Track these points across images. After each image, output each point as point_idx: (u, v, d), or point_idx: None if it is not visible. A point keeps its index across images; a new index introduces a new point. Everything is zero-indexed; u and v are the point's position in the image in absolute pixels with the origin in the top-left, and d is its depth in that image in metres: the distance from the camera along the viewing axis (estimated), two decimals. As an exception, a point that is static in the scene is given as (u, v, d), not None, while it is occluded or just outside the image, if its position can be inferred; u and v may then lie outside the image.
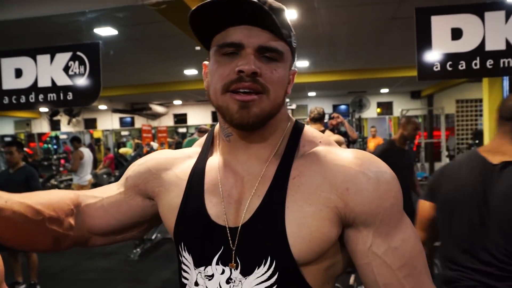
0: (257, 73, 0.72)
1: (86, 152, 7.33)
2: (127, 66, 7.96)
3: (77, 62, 3.38)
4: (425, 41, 3.08)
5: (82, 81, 3.38)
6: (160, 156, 0.93)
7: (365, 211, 0.73)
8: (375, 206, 0.73)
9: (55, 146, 15.63)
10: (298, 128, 0.86)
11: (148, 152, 10.02)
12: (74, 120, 14.60)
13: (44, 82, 3.45)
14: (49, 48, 3.41)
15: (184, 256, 0.82)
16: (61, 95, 3.41)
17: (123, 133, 16.87)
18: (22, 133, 16.09)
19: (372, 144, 9.44)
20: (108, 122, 15.46)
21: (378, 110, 14.15)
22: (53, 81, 3.43)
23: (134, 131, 16.13)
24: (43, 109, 12.98)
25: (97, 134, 16.19)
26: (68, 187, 7.74)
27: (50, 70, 3.43)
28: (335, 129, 5.36)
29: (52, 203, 0.83)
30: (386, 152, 3.54)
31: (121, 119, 15.87)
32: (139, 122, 15.23)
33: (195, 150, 0.92)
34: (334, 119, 5.31)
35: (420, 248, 0.76)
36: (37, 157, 13.61)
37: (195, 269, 0.79)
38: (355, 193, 0.73)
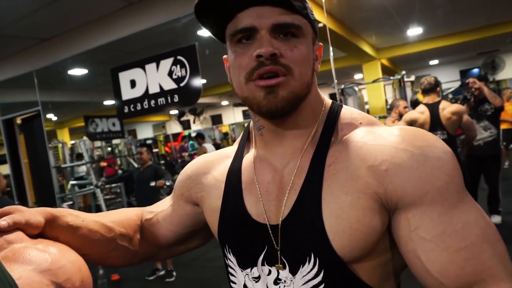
0: (277, 54, 0.67)
1: (210, 147, 7.87)
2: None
3: (178, 66, 3.64)
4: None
5: (185, 83, 3.63)
6: (198, 161, 0.93)
7: (409, 192, 0.64)
8: (422, 184, 0.63)
9: (187, 144, 17.04)
10: (334, 111, 0.78)
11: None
12: (201, 118, 15.76)
13: (154, 89, 3.79)
14: (154, 57, 3.72)
15: (229, 259, 0.80)
16: (169, 98, 3.71)
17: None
18: (161, 135, 17.85)
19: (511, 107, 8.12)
20: (232, 116, 16.33)
21: (519, 68, 12.40)
22: (161, 87, 3.74)
23: (258, 122, 16.76)
24: (173, 112, 14.25)
25: (224, 128, 17.21)
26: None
27: (157, 77, 3.76)
28: (472, 96, 4.66)
29: (122, 220, 0.87)
30: None
31: (243, 111, 16.63)
32: (260, 113, 15.76)
33: (233, 149, 0.90)
34: (471, 84, 4.56)
35: (495, 237, 0.64)
36: (174, 155, 14.99)
37: (241, 271, 0.77)
38: (395, 174, 0.64)
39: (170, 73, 3.68)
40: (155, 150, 12.30)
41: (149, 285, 4.73)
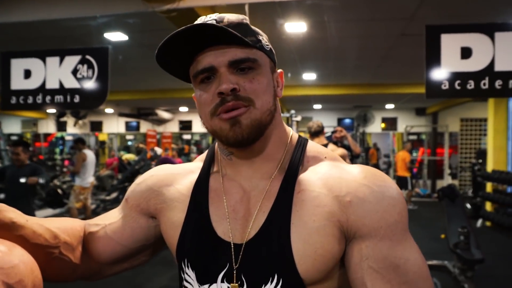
0: (236, 89, 0.72)
1: (90, 154, 7.32)
2: (135, 71, 8.01)
3: (85, 66, 3.41)
4: (434, 59, 3.08)
5: (89, 85, 3.41)
6: (160, 172, 0.91)
7: (367, 224, 0.71)
8: (378, 219, 0.71)
9: (60, 147, 15.65)
10: (301, 143, 0.85)
11: (151, 158, 10.04)
12: (80, 122, 14.67)
13: (52, 84, 3.48)
14: (59, 50, 3.44)
15: (187, 273, 0.79)
16: (68, 97, 3.44)
17: (128, 137, 16.92)
18: (29, 132, 16.15)
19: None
20: (114, 125, 15.53)
21: (383, 125, 14.16)
22: (61, 83, 3.45)
23: (139, 136, 16.19)
24: (51, 110, 13.04)
25: (102, 137, 16.22)
26: (70, 188, 7.71)
27: (58, 72, 3.47)
28: (338, 143, 5.34)
29: (67, 228, 0.81)
30: None
31: (127, 123, 15.93)
32: (145, 127, 15.29)
33: (197, 165, 0.91)
34: (337, 132, 5.29)
35: (427, 275, 0.71)
36: (42, 157, 13.64)
37: (199, 287, 0.77)
38: (357, 205, 0.72)
39: (75, 71, 3.43)
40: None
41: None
